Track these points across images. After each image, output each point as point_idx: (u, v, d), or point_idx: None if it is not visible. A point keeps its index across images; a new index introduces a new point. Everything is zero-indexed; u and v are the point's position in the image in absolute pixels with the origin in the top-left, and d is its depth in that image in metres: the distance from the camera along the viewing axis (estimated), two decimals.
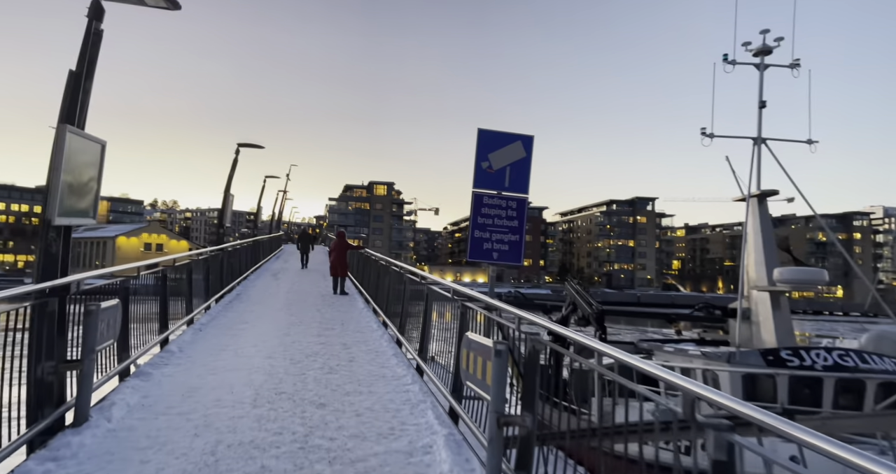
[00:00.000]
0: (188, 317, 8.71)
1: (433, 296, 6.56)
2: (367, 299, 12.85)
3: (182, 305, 8.57)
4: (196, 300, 9.41)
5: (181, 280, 8.70)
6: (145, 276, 6.70)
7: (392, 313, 9.41)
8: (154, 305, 7.16)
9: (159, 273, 7.23)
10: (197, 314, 9.32)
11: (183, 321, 8.34)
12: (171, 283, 7.78)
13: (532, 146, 5.83)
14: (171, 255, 7.96)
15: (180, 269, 8.56)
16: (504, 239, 5.81)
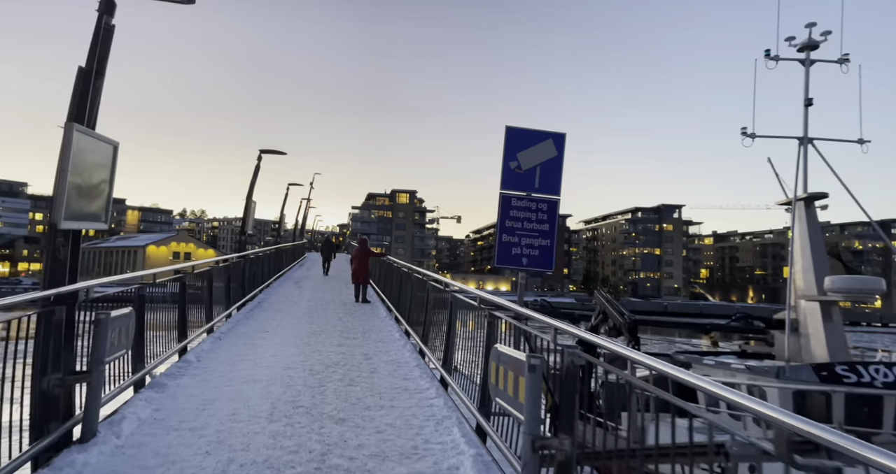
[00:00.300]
0: (208, 325, 8.56)
1: (458, 305, 6.24)
2: (389, 307, 12.59)
3: (202, 313, 8.42)
4: (217, 308, 9.27)
5: (201, 288, 8.56)
6: (163, 284, 6.55)
7: (414, 322, 9.12)
8: (172, 313, 7.01)
9: (178, 280, 7.07)
10: (217, 322, 9.18)
11: (202, 329, 8.18)
12: (190, 291, 7.63)
13: (564, 144, 5.47)
14: (189, 263, 7.81)
15: (200, 277, 8.42)
16: (534, 243, 5.44)
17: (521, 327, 4.21)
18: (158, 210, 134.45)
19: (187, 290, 7.44)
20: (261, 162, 13.54)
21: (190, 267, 7.65)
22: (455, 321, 6.26)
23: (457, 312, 6.26)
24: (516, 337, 4.49)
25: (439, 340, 6.96)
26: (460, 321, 6.25)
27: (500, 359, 3.79)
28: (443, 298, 7.30)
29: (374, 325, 10.22)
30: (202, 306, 8.49)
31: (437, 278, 7.96)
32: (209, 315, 8.73)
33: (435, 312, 7.70)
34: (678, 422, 2.43)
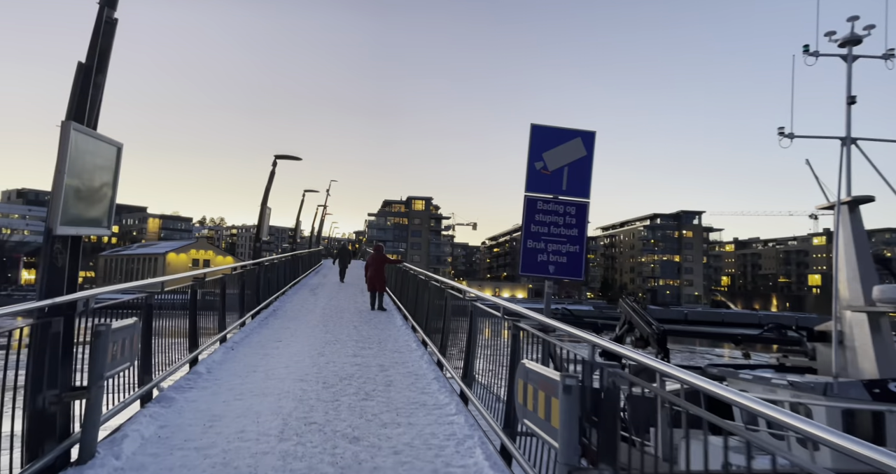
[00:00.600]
0: (221, 334, 8.34)
1: (478, 314, 5.92)
2: (405, 316, 12.29)
3: (214, 322, 8.20)
4: (230, 316, 9.06)
5: (213, 296, 8.36)
6: (174, 292, 6.33)
7: (432, 331, 8.80)
8: (183, 322, 6.79)
9: (188, 288, 6.86)
10: (230, 331, 8.97)
11: (214, 339, 7.96)
12: (202, 299, 7.42)
13: (593, 143, 5.11)
14: (200, 270, 7.59)
15: (212, 285, 8.22)
16: (561, 250, 5.07)
17: (549, 341, 3.87)
18: (179, 218, 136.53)
19: (199, 299, 7.23)
20: (276, 168, 13.43)
21: (201, 274, 7.44)
22: (475, 331, 5.93)
23: (477, 322, 5.93)
24: (544, 350, 4.15)
25: (458, 351, 6.64)
26: (481, 331, 5.93)
27: (528, 377, 3.45)
28: (462, 307, 6.98)
29: (390, 335, 9.92)
30: (214, 315, 8.29)
31: (455, 286, 7.64)
32: (222, 324, 8.52)
33: (453, 322, 7.39)
34: (712, 441, 2.25)
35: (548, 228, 5.08)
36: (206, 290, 7.85)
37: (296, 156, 13.75)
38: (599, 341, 3.00)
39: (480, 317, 5.89)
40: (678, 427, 2.54)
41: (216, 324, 8.32)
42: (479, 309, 5.80)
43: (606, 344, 2.97)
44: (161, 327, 5.83)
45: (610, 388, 2.80)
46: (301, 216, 30.98)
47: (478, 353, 5.80)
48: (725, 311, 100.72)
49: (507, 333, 4.62)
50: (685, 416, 2.39)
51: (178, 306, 6.63)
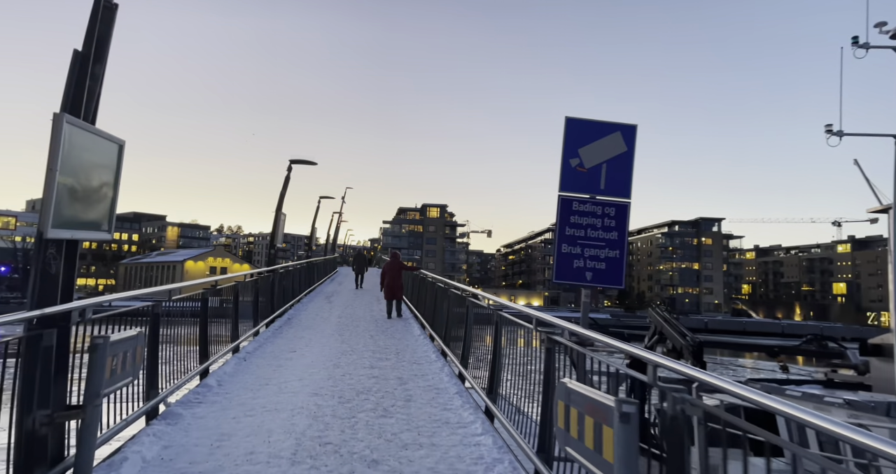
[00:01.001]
0: (233, 344, 8.04)
1: (504, 324, 5.51)
2: (422, 324, 11.90)
3: (227, 332, 7.90)
4: (243, 326, 8.76)
5: (226, 304, 8.07)
6: (185, 300, 6.04)
7: (452, 341, 8.40)
8: (194, 332, 6.49)
9: (198, 297, 6.55)
10: (244, 340, 8.66)
11: (227, 349, 7.65)
12: (213, 308, 7.12)
13: (635, 138, 4.67)
14: (212, 277, 7.29)
15: (225, 293, 7.93)
16: (600, 255, 4.63)
17: (593, 357, 3.45)
18: (197, 226, 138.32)
19: (211, 308, 6.93)
20: (291, 173, 13.18)
21: (213, 282, 7.15)
22: (501, 343, 5.52)
23: (502, 333, 5.53)
24: (582, 367, 3.74)
25: (482, 364, 6.23)
26: (508, 343, 5.51)
27: (570, 399, 3.03)
28: (485, 316, 6.59)
29: (408, 345, 9.53)
30: (227, 324, 7.99)
31: (477, 294, 7.24)
32: (235, 333, 8.22)
33: (475, 332, 6.99)
34: (754, 461, 2.11)
35: (584, 231, 4.65)
36: (219, 298, 7.55)
37: (311, 161, 13.51)
38: (662, 360, 2.58)
39: (507, 327, 5.48)
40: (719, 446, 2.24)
41: (228, 334, 8.02)
42: (506, 318, 5.39)
43: (671, 364, 2.55)
44: (170, 337, 5.54)
45: (676, 417, 2.38)
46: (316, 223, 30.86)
47: (504, 366, 5.39)
48: (747, 320, 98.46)
49: (541, 346, 4.20)
50: (725, 435, 2.14)
51: (188, 315, 6.34)
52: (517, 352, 5.19)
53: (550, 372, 4.00)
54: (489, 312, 6.43)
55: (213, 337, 7.03)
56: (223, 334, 7.74)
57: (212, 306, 7.17)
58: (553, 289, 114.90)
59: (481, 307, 6.58)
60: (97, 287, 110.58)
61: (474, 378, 6.39)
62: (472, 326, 7.12)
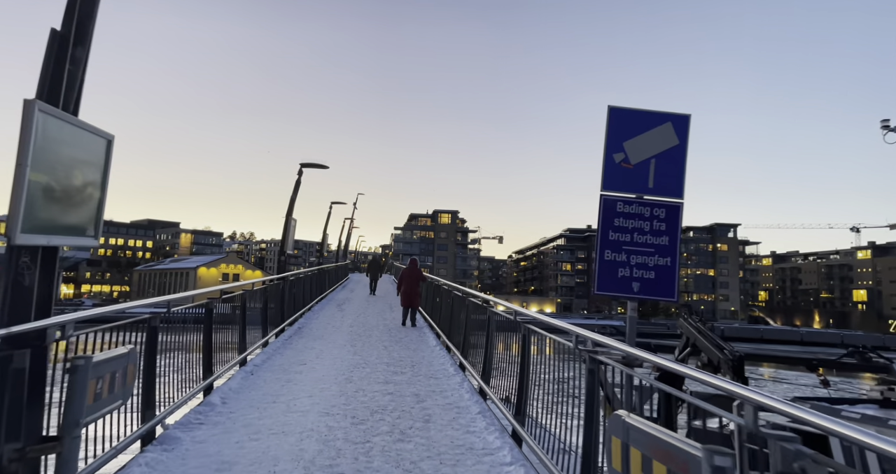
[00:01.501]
0: (240, 356, 7.61)
1: (531, 337, 5.02)
2: (437, 334, 11.42)
3: (234, 343, 7.47)
4: (251, 336, 8.34)
5: (233, 315, 7.65)
6: (185, 311, 5.62)
7: (471, 354, 7.91)
8: (197, 344, 6.06)
9: (202, 307, 6.13)
10: (252, 352, 8.24)
11: (233, 362, 7.22)
12: (219, 319, 6.71)
13: (688, 129, 4.13)
14: (217, 286, 6.89)
15: (231, 302, 7.51)
16: (648, 263, 4.10)
17: (652, 383, 2.94)
18: (210, 233, 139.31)
19: (216, 318, 6.51)
20: (301, 177, 12.81)
21: (217, 291, 6.73)
22: (529, 360, 5.02)
23: (530, 348, 5.03)
24: (627, 388, 3.24)
25: (506, 379, 5.73)
26: (538, 357, 5.00)
27: (629, 436, 2.54)
28: (506, 325, 6.11)
29: (424, 356, 9.04)
30: (234, 335, 7.56)
31: (500, 303, 6.75)
32: (242, 345, 7.79)
33: (498, 344, 6.50)
34: None
35: (630, 236, 4.13)
36: (223, 310, 7.13)
37: (322, 164, 13.12)
38: (759, 397, 2.08)
39: (537, 341, 4.99)
40: None
41: (236, 345, 7.60)
42: (536, 333, 4.90)
43: (770, 401, 2.04)
44: (171, 351, 5.13)
45: (783, 460, 1.87)
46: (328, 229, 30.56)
47: (533, 384, 4.89)
48: (764, 328, 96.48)
49: (582, 366, 3.70)
50: None
51: (190, 327, 5.93)
52: (548, 367, 4.69)
53: (594, 398, 3.50)
54: (513, 323, 5.95)
55: (218, 349, 6.60)
56: (230, 345, 7.32)
57: (221, 313, 6.76)
58: (565, 295, 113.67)
59: (505, 318, 6.08)
60: (112, 294, 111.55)
61: (498, 395, 5.90)
62: (493, 338, 6.63)
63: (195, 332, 6.02)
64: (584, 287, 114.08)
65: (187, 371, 5.57)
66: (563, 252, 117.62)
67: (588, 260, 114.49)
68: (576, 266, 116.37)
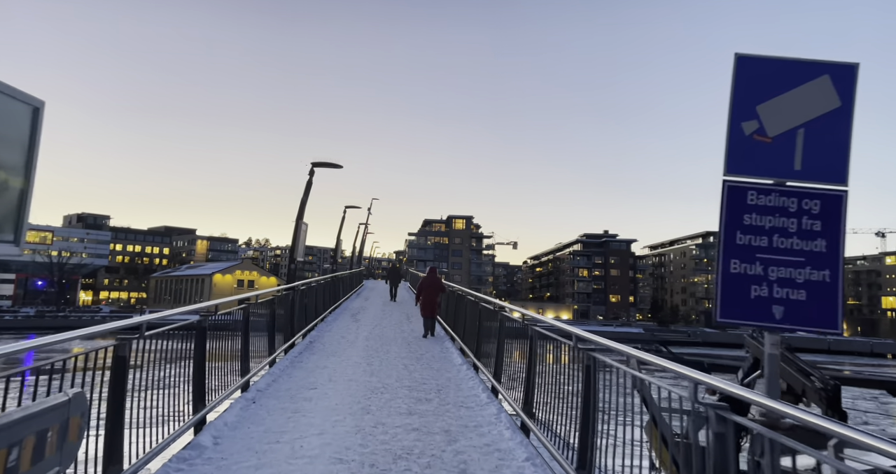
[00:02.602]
0: (243, 380, 6.64)
1: (601, 369, 3.97)
2: (463, 350, 10.38)
3: (233, 365, 6.50)
4: (255, 355, 7.38)
5: (233, 329, 6.70)
6: (169, 332, 4.66)
7: (506, 377, 6.87)
8: (185, 371, 5.11)
9: (190, 327, 5.16)
10: (256, 374, 7.27)
11: (233, 388, 6.25)
12: (214, 338, 5.75)
13: (854, 85, 2.96)
14: (212, 302, 5.88)
15: (231, 317, 6.55)
16: (797, 277, 2.91)
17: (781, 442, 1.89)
18: (226, 239, 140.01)
19: (209, 339, 5.55)
20: (313, 177, 11.86)
21: (211, 307, 5.76)
22: (594, 393, 3.97)
23: (597, 380, 3.98)
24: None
25: (559, 415, 4.68)
26: (604, 389, 3.95)
27: None
28: (555, 349, 5.08)
29: (450, 378, 8.00)
30: (234, 356, 6.59)
31: (544, 320, 5.71)
32: (245, 366, 6.82)
33: (543, 369, 5.45)
34: None
35: (769, 239, 2.95)
36: (219, 330, 6.17)
37: (335, 164, 12.14)
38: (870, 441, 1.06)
39: (604, 374, 3.94)
40: None
41: (237, 367, 6.63)
42: (607, 364, 3.84)
43: None
44: (151, 379, 4.19)
45: None
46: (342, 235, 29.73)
47: (603, 429, 3.83)
48: (790, 335, 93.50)
49: (691, 422, 2.65)
50: None
51: (181, 349, 4.98)
52: (617, 397, 3.64)
53: (727, 461, 2.44)
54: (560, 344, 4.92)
55: (213, 374, 5.64)
56: (227, 370, 6.34)
57: (217, 329, 5.81)
58: (582, 302, 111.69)
59: (560, 342, 5.01)
60: (129, 300, 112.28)
61: (546, 433, 4.84)
62: (537, 362, 5.59)
63: (184, 356, 5.06)
64: (602, 293, 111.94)
65: (172, 403, 4.61)
66: (579, 258, 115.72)
67: (606, 266, 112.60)
68: (592, 272, 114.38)
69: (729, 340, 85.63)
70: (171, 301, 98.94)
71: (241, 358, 6.77)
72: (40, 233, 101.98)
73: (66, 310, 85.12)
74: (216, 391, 5.70)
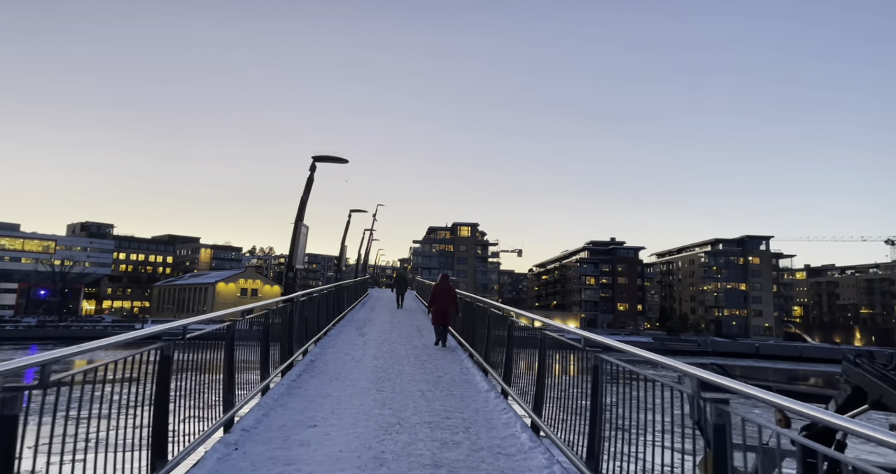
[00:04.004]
0: (226, 416, 5.33)
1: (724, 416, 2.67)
2: (482, 367, 9.04)
3: (213, 397, 5.19)
4: (243, 383, 6.07)
5: (217, 350, 5.40)
6: (117, 360, 3.37)
7: (548, 406, 5.55)
8: (142, 409, 3.81)
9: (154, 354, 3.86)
10: (244, 405, 5.95)
11: (214, 427, 4.94)
12: (185, 365, 4.46)
13: None
14: (181, 321, 4.54)
15: (209, 338, 5.23)
16: None
17: None
18: (230, 247, 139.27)
19: (178, 367, 4.26)
20: (314, 173, 10.53)
21: (180, 327, 4.44)
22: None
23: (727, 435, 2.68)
24: None
25: (632, 461, 3.37)
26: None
27: None
28: (612, 375, 3.78)
29: (477, 409, 6.65)
30: (215, 387, 5.29)
31: (622, 347, 4.39)
32: (228, 399, 5.51)
33: (612, 406, 4.15)
34: None
35: None
36: (199, 347, 4.88)
37: (340, 158, 10.81)
38: None
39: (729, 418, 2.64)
40: None
41: (218, 399, 5.32)
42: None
43: None
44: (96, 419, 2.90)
45: None
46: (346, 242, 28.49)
47: None
48: (802, 345, 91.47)
49: None
50: None
51: (135, 380, 3.69)
52: None
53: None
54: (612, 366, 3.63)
55: (182, 410, 4.34)
56: (207, 400, 5.04)
57: (178, 366, 4.52)
58: (590, 310, 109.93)
59: (618, 367, 3.70)
60: (132, 309, 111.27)
61: None
62: (602, 393, 4.28)
63: (136, 386, 3.76)
64: (609, 301, 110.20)
65: (115, 455, 3.30)
66: (586, 265, 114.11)
67: (613, 274, 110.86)
68: (600, 280, 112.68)
69: (740, 350, 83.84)
70: (173, 310, 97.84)
71: (224, 390, 5.46)
72: (43, 241, 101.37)
73: (68, 320, 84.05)
74: (189, 435, 4.40)
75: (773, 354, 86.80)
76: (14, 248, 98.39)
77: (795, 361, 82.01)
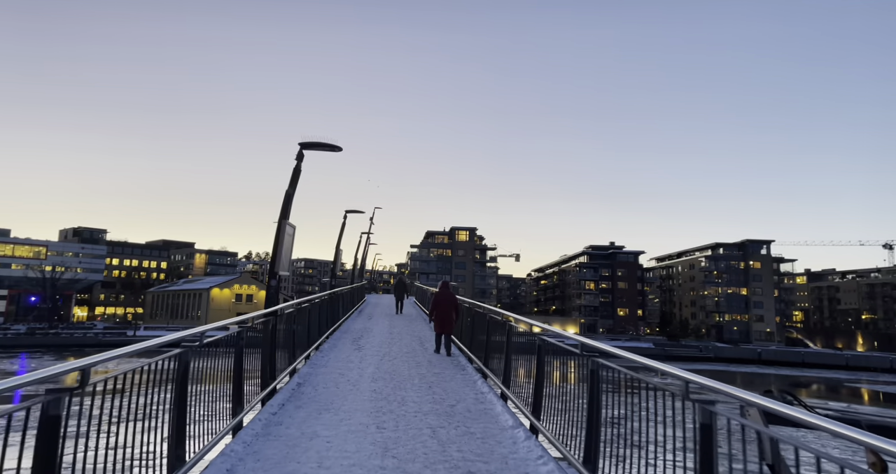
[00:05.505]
0: (187, 467, 3.92)
1: None
2: (504, 395, 7.66)
3: (166, 436, 3.78)
4: (201, 433, 4.66)
5: (169, 380, 4.00)
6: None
7: (607, 458, 4.17)
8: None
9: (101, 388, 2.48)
10: (202, 457, 4.54)
11: None
12: (137, 401, 3.07)
13: None
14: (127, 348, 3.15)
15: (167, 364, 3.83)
16: None
17: None
18: (225, 253, 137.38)
19: (133, 400, 2.87)
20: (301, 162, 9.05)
21: (131, 353, 3.02)
22: None
23: None
24: None
25: None
26: None
27: None
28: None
29: (504, 455, 5.25)
30: (161, 427, 3.88)
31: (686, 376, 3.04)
32: (175, 454, 4.09)
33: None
34: None
35: None
36: (145, 389, 3.48)
37: (333, 145, 9.31)
38: None
39: None
40: None
41: (162, 452, 3.92)
42: None
43: None
44: None
45: None
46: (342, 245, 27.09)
47: None
48: (805, 350, 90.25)
49: None
50: None
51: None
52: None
53: None
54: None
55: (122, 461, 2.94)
56: (154, 445, 3.63)
57: (127, 401, 3.14)
58: (589, 315, 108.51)
59: None
60: (125, 316, 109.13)
61: None
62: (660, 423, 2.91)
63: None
64: (609, 306, 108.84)
65: None
66: (585, 270, 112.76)
67: (613, 278, 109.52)
68: (599, 285, 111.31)
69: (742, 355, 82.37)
70: (167, 316, 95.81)
71: (172, 437, 4.05)
72: (34, 247, 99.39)
73: (59, 327, 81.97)
74: None
75: (776, 360, 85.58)
76: (4, 254, 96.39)
77: (798, 367, 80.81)
